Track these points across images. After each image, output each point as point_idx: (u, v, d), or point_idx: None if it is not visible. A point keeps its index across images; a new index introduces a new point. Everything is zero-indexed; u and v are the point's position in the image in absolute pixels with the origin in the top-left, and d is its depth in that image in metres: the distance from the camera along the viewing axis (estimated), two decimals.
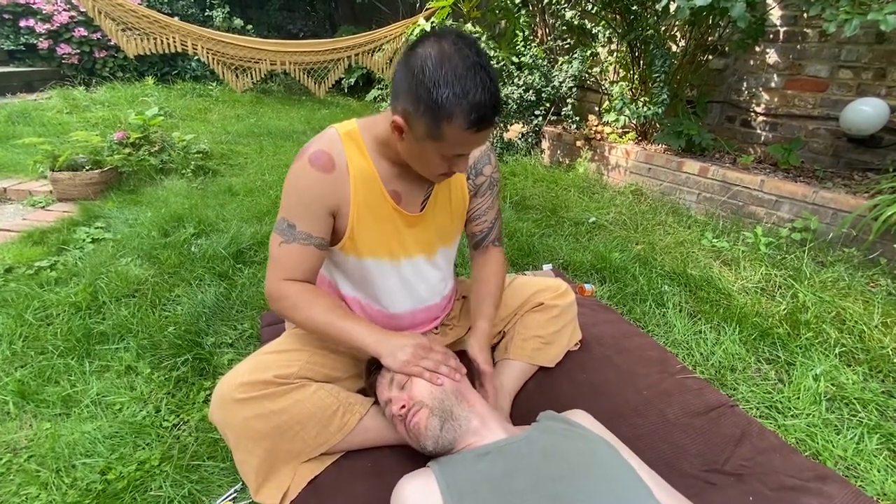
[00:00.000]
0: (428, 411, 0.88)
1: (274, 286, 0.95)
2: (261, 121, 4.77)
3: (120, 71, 5.63)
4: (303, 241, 0.94)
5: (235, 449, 0.94)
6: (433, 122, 0.78)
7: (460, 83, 0.75)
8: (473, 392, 0.95)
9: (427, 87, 0.76)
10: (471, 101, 0.75)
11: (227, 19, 5.95)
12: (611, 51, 3.43)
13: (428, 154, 0.86)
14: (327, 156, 0.92)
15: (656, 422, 1.16)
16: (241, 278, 1.86)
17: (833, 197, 2.29)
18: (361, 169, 0.95)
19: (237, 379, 0.92)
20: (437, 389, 0.90)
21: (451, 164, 0.88)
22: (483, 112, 0.77)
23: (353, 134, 0.96)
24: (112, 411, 1.20)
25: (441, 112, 0.76)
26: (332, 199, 0.94)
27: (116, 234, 2.22)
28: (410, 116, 0.81)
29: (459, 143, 0.82)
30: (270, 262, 0.96)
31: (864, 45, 2.63)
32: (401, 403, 0.90)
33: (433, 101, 0.76)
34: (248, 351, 1.44)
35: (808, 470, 1.04)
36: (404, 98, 0.81)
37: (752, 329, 1.58)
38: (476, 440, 0.86)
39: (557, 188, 3.06)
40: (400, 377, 0.93)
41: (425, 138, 0.82)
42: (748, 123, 3.21)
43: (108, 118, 4.03)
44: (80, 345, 1.42)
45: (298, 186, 0.93)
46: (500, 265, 1.18)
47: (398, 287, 1.07)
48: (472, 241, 1.21)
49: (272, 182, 3.04)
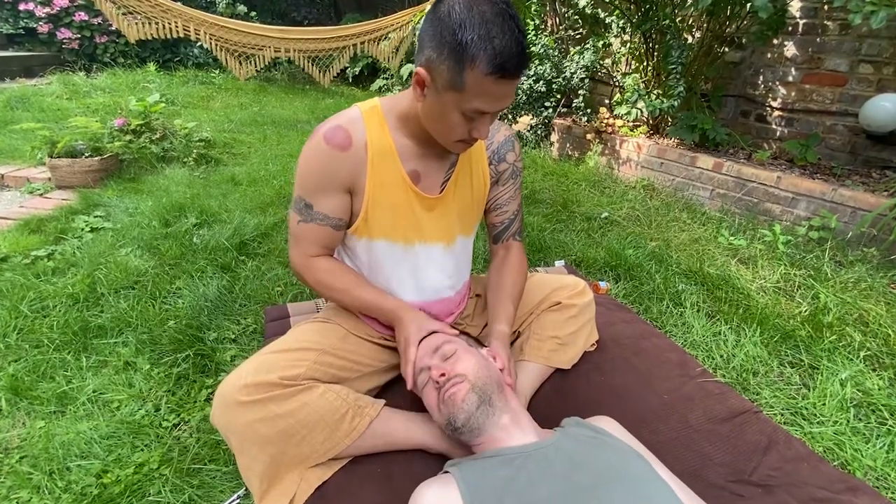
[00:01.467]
0: (469, 386, 0.83)
1: (299, 261, 0.99)
2: (264, 109, 4.69)
3: (121, 57, 5.54)
4: (320, 221, 0.95)
5: (239, 453, 0.89)
6: (456, 66, 0.76)
7: (486, 27, 0.73)
8: (511, 390, 0.92)
9: (452, 28, 0.74)
10: (496, 46, 0.73)
11: (230, 5, 5.84)
12: (623, 41, 3.34)
13: (448, 110, 0.82)
14: (344, 132, 0.89)
15: (679, 428, 1.11)
16: (244, 271, 1.81)
17: (852, 195, 2.23)
18: (380, 146, 0.92)
19: (241, 380, 0.86)
20: (482, 371, 0.86)
21: (471, 127, 0.84)
22: (508, 58, 0.74)
23: (375, 111, 0.93)
24: (109, 409, 1.15)
25: (465, 54, 0.74)
26: (347, 178, 0.92)
27: (116, 223, 2.16)
28: (433, 64, 0.78)
29: (481, 92, 0.78)
30: (291, 237, 0.99)
31: (885, 38, 2.55)
32: (441, 371, 0.86)
33: (457, 42, 0.74)
34: (251, 347, 1.39)
35: (838, 481, 0.99)
36: (429, 46, 0.79)
37: (773, 331, 1.52)
38: (503, 437, 0.81)
39: (568, 182, 2.99)
40: (446, 349, 0.91)
41: (447, 89, 0.79)
42: (763, 118, 3.13)
43: (108, 104, 3.96)
44: (76, 338, 1.37)
45: (312, 165, 0.91)
46: (521, 261, 1.13)
47: (408, 275, 1.03)
48: (492, 234, 1.16)
49: (276, 172, 2.98)
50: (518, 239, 1.16)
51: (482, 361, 0.89)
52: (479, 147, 1.04)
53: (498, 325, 1.03)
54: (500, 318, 1.04)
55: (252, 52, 4.22)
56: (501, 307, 1.06)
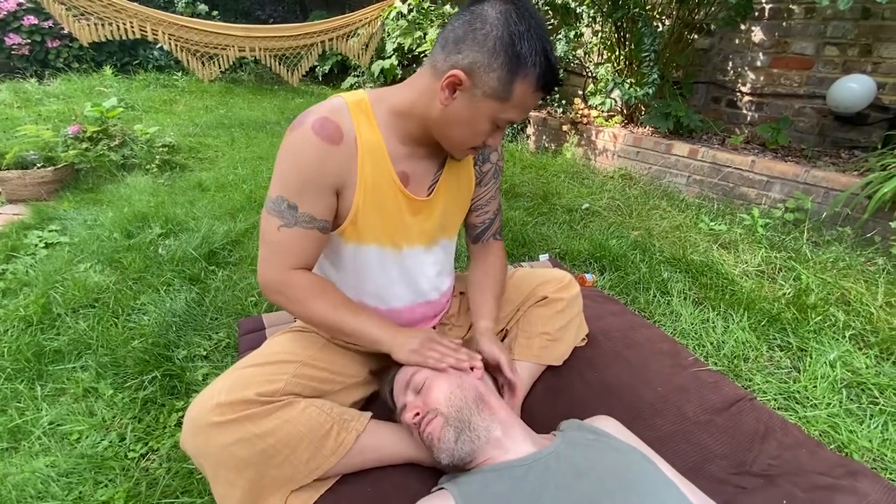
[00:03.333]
0: (443, 420, 0.78)
1: (273, 276, 0.85)
2: (231, 111, 4.52)
3: (76, 61, 5.27)
4: (305, 224, 0.83)
5: (214, 481, 0.81)
6: (509, 76, 0.74)
7: (541, 42, 0.73)
8: (496, 397, 0.86)
9: (512, 38, 0.72)
10: (550, 60, 0.74)
11: (190, 5, 5.62)
12: (595, 31, 3.33)
13: (480, 117, 0.79)
14: (334, 124, 0.80)
15: (676, 421, 1.08)
16: (214, 282, 1.71)
17: (824, 176, 2.26)
18: (371, 144, 0.84)
19: (213, 399, 0.79)
20: (455, 395, 0.80)
21: (492, 134, 0.83)
22: (554, 75, 0.76)
23: (362, 104, 0.84)
24: (69, 442, 1.04)
25: (521, 65, 0.73)
26: (338, 175, 0.82)
27: (73, 237, 2.02)
28: (480, 69, 0.75)
29: (522, 104, 0.78)
30: (266, 247, 0.84)
31: (850, 20, 2.60)
32: (415, 411, 0.81)
33: (515, 53, 0.72)
34: (225, 363, 1.30)
35: (837, 466, 0.98)
36: (474, 49, 0.74)
37: (760, 315, 1.52)
38: (498, 454, 0.76)
39: (547, 174, 2.96)
40: (416, 380, 0.85)
41: (489, 96, 0.76)
42: (734, 104, 3.17)
43: (62, 112, 3.74)
44: (30, 365, 1.25)
45: (299, 159, 0.80)
46: (501, 260, 1.10)
47: (398, 279, 0.97)
48: (471, 234, 1.12)
49: (245, 176, 2.86)
50: (497, 238, 1.12)
51: (454, 382, 0.83)
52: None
53: (482, 322, 0.99)
54: (483, 315, 1.00)
55: (215, 51, 4.04)
56: (485, 304, 1.02)
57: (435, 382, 0.82)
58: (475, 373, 0.88)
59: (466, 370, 0.86)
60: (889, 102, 2.53)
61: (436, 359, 0.87)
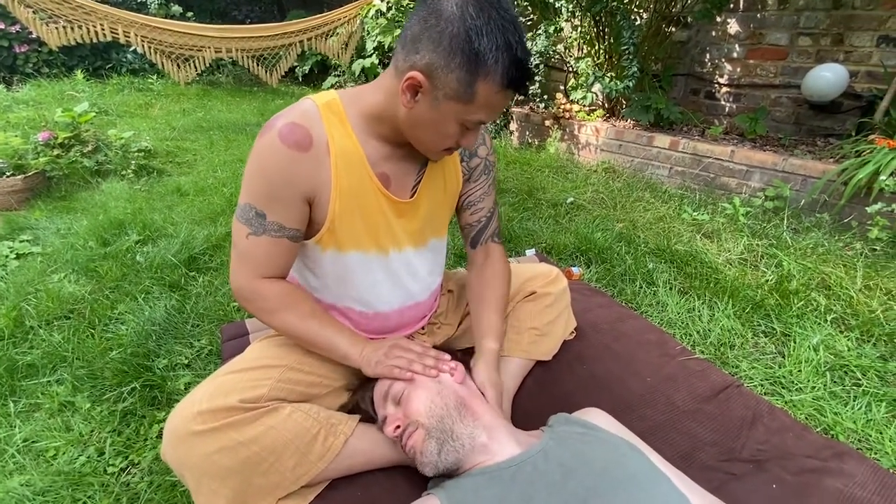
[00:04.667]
0: (424, 433, 0.76)
1: (245, 284, 0.84)
2: (209, 114, 4.43)
3: (45, 66, 5.12)
4: (274, 233, 0.80)
5: (197, 492, 0.78)
6: (468, 76, 0.68)
7: (503, 35, 0.66)
8: (479, 400, 0.84)
9: (468, 34, 0.65)
10: (513, 57, 0.67)
11: (163, 6, 5.49)
12: (574, 26, 3.34)
13: (445, 119, 0.74)
14: (303, 130, 0.76)
15: (665, 411, 1.08)
16: (195, 288, 1.66)
17: (801, 164, 2.30)
18: (344, 148, 0.80)
19: (194, 407, 0.76)
20: (436, 405, 0.78)
21: (462, 136, 0.78)
22: (522, 71, 0.69)
23: (333, 106, 0.80)
24: (44, 459, 1.00)
25: (480, 65, 0.67)
26: (308, 183, 0.78)
27: (46, 247, 1.96)
28: (438, 70, 0.69)
29: (488, 104, 0.72)
30: (236, 255, 0.82)
31: (821, 10, 2.65)
32: (395, 423, 0.79)
33: (473, 51, 0.66)
34: (207, 371, 1.27)
35: (824, 448, 0.99)
36: (430, 49, 0.68)
37: (744, 302, 1.54)
38: (485, 459, 0.74)
39: (531, 170, 2.96)
40: (394, 391, 0.83)
41: (451, 98, 0.71)
42: (712, 95, 3.21)
43: (32, 118, 3.62)
44: (2, 381, 1.20)
45: (266, 167, 0.77)
46: (504, 266, 1.05)
47: (384, 283, 0.94)
48: (468, 236, 1.06)
49: (225, 179, 2.80)
50: (497, 241, 1.07)
51: (434, 390, 0.81)
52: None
53: (486, 343, 0.95)
54: (486, 334, 0.96)
55: (190, 53, 3.95)
56: (487, 321, 0.98)
57: (414, 393, 0.80)
58: (456, 376, 0.85)
59: (433, 376, 0.84)
60: (862, 90, 2.58)
61: (402, 367, 0.85)
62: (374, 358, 0.86)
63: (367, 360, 0.87)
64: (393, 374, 0.84)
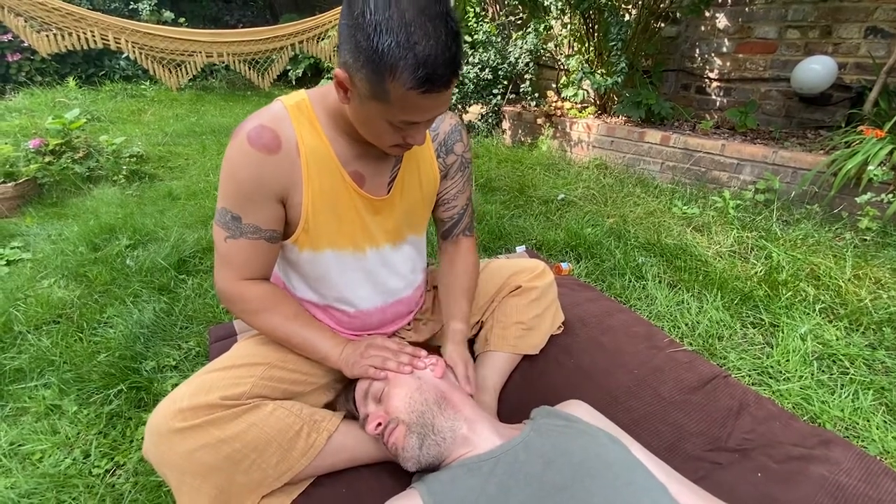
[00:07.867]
0: (405, 428, 0.76)
1: (228, 286, 0.85)
2: (202, 119, 4.43)
3: (38, 75, 5.12)
4: (251, 235, 0.81)
5: (178, 491, 0.78)
6: (375, 77, 0.63)
7: (406, 30, 0.59)
8: (460, 393, 0.84)
9: (367, 32, 0.60)
10: (418, 54, 0.60)
11: (154, 12, 5.49)
12: (564, 23, 3.35)
13: (373, 118, 0.71)
14: (271, 133, 0.76)
15: (652, 402, 1.08)
16: (184, 290, 1.66)
17: (792, 156, 2.31)
18: (315, 148, 0.80)
19: (175, 405, 0.76)
20: (415, 400, 0.78)
21: (404, 135, 0.74)
22: (434, 69, 0.61)
23: (302, 106, 0.80)
24: (30, 462, 1.00)
25: (382, 65, 0.61)
26: (278, 185, 0.79)
27: (37, 253, 1.95)
28: (351, 69, 0.66)
29: (407, 107, 0.67)
30: (218, 258, 0.84)
31: (809, 3, 2.66)
32: (376, 421, 0.79)
33: (373, 49, 0.61)
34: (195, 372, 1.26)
35: (810, 436, 0.99)
36: (344, 47, 0.66)
37: (732, 294, 1.54)
38: (467, 451, 0.74)
39: (523, 167, 2.97)
40: (374, 389, 0.83)
41: (369, 98, 0.67)
42: (703, 90, 3.22)
43: (25, 126, 3.61)
44: None
45: (237, 171, 0.77)
46: (472, 257, 1.07)
47: (363, 281, 0.94)
48: (440, 230, 1.07)
49: (217, 182, 2.79)
50: (468, 234, 1.08)
51: (413, 385, 0.81)
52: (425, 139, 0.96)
53: (453, 324, 0.96)
54: (454, 316, 0.98)
55: (182, 58, 3.96)
56: (455, 305, 0.99)
57: (393, 390, 0.81)
58: (436, 370, 0.86)
59: (408, 373, 0.84)
60: (851, 82, 2.59)
61: (377, 366, 0.85)
62: (352, 359, 0.87)
63: (346, 361, 0.88)
64: (368, 373, 0.85)
